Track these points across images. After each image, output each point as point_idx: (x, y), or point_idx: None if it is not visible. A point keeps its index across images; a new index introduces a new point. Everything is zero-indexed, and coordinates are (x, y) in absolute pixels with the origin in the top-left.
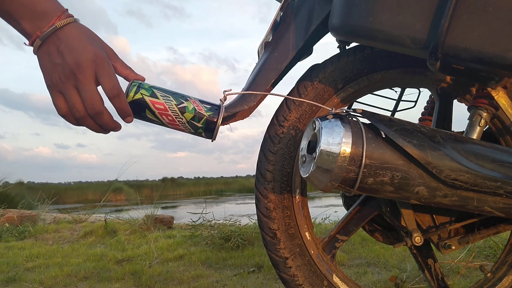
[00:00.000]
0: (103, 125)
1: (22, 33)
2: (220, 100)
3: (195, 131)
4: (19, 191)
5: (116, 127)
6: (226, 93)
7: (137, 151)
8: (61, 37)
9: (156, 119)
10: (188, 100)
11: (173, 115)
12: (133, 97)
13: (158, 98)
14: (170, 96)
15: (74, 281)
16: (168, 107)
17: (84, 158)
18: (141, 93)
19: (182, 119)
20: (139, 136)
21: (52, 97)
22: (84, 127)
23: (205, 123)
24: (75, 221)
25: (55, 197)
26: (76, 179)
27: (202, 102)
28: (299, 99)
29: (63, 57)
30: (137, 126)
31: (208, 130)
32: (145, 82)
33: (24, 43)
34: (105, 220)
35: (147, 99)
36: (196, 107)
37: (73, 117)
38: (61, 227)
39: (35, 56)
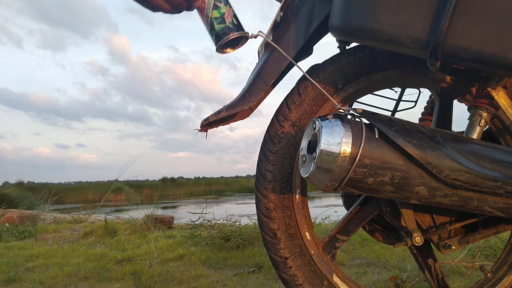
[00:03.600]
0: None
1: None
2: (251, 34)
3: (210, 30)
4: (19, 191)
5: (166, 7)
6: (260, 33)
7: (137, 151)
8: None
9: None
10: (226, 5)
11: (207, 4)
12: None
13: None
14: None
15: (74, 281)
16: None
17: (84, 158)
18: None
19: (210, 12)
20: (139, 136)
21: None
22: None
23: (221, 29)
24: (75, 221)
25: (55, 197)
26: (76, 179)
27: (235, 17)
28: (314, 82)
29: None
30: (137, 126)
31: (217, 38)
32: None
33: None
34: (105, 220)
35: None
36: (226, 14)
37: None
38: (61, 227)
39: (35, 55)
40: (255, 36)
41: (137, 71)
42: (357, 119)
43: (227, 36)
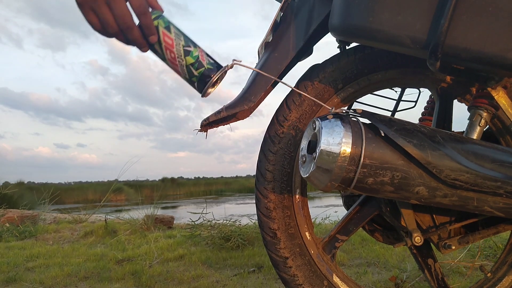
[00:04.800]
0: (133, 40)
1: None
2: (227, 65)
3: (190, 78)
4: (19, 191)
5: (144, 46)
6: (235, 62)
7: (137, 151)
8: None
9: (161, 52)
10: (196, 48)
11: (176, 53)
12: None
13: (170, 33)
14: (181, 36)
15: (74, 281)
16: (175, 45)
17: (84, 158)
18: (158, 22)
19: (182, 60)
20: (139, 136)
21: (84, 15)
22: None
23: (201, 74)
24: (76, 221)
25: (55, 197)
26: (76, 179)
27: (208, 56)
28: (305, 94)
29: None
30: (137, 126)
31: (201, 83)
32: (166, 16)
33: None
34: (105, 220)
35: (161, 29)
36: (200, 56)
37: (107, 32)
38: (62, 227)
39: (35, 55)
40: (231, 67)
41: (137, 71)
42: (357, 119)
43: (211, 79)
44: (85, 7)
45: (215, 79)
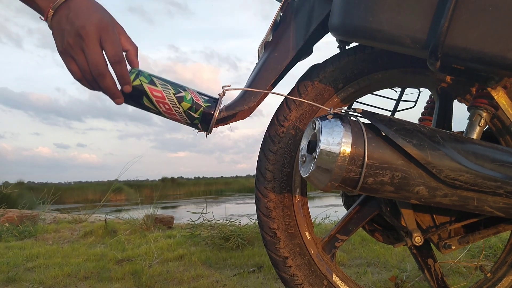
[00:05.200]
0: (106, 88)
1: (37, 10)
2: (219, 94)
3: (191, 122)
4: (19, 191)
5: (118, 97)
6: (225, 88)
7: (137, 151)
8: (71, 6)
9: (153, 107)
10: (186, 91)
11: (171, 104)
12: (131, 84)
13: (156, 86)
14: (168, 85)
15: (74, 281)
16: (166, 96)
17: (84, 158)
18: (140, 80)
19: (179, 108)
20: (139, 136)
21: (66, 63)
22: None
23: (201, 114)
24: (75, 221)
25: (55, 197)
26: (76, 179)
27: (200, 93)
28: (299, 99)
29: (71, 22)
30: (137, 126)
31: (205, 122)
32: (144, 70)
33: (40, 17)
34: (105, 220)
35: (146, 86)
36: (194, 98)
37: (86, 80)
38: (61, 227)
39: (35, 55)
40: (224, 94)
41: None
42: (357, 119)
43: (212, 116)
44: (66, 55)
45: (217, 114)
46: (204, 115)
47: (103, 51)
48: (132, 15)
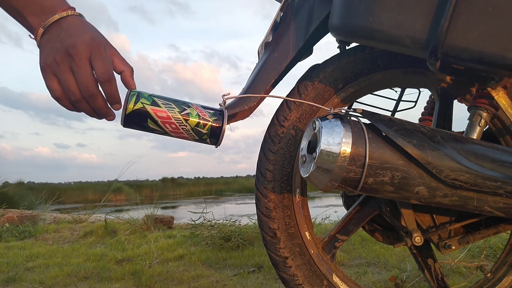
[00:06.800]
0: (97, 109)
1: (27, 28)
2: (220, 104)
3: (200, 138)
4: (19, 191)
5: (110, 115)
6: (225, 97)
7: (137, 151)
8: (63, 25)
9: (159, 129)
10: (191, 107)
11: (177, 123)
12: (133, 108)
13: (160, 107)
14: (172, 104)
15: (74, 281)
16: (172, 115)
17: (84, 158)
18: (142, 102)
19: (186, 126)
20: (139, 136)
21: (46, 80)
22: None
23: (210, 129)
24: (75, 221)
25: (55, 197)
26: (76, 179)
27: (204, 107)
28: (298, 100)
29: (62, 41)
30: None
31: (213, 136)
32: (143, 91)
33: (29, 35)
34: (105, 220)
35: (149, 108)
36: (199, 113)
37: (68, 100)
38: (61, 227)
39: (34, 54)
40: (225, 103)
41: (137, 70)
42: (357, 119)
43: (221, 129)
44: (48, 71)
45: (225, 127)
46: (212, 129)
47: (93, 70)
48: (132, 14)
